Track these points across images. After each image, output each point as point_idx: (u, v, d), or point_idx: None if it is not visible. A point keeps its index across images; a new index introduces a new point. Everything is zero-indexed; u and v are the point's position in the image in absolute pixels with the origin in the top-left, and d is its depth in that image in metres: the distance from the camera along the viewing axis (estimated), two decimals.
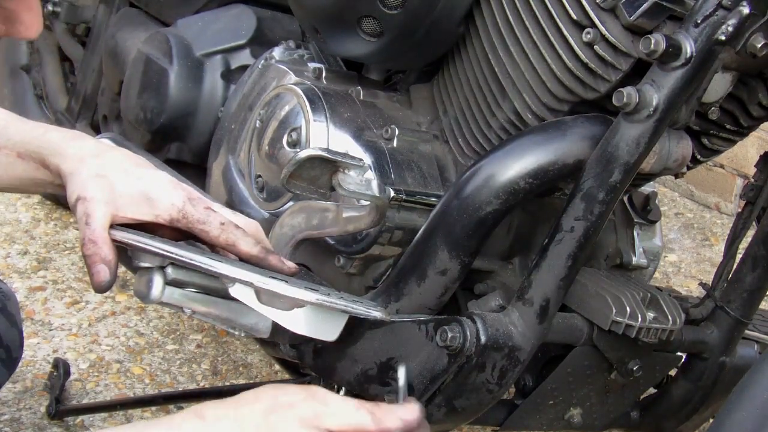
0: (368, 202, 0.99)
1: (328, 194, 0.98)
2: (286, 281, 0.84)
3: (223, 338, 1.81)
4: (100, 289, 0.86)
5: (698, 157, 1.10)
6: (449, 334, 0.95)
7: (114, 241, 0.87)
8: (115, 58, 1.59)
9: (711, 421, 1.09)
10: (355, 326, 0.99)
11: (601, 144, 0.95)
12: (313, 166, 0.95)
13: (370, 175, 1.06)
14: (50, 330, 1.77)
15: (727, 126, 1.07)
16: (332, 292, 0.88)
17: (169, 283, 0.86)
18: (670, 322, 1.02)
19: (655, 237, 1.25)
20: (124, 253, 0.88)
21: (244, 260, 0.94)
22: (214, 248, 0.95)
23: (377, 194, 0.98)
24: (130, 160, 0.95)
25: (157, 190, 0.92)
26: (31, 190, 1.03)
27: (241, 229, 0.94)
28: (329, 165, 0.96)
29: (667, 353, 1.12)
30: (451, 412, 0.97)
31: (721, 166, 2.74)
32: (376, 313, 0.85)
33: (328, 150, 0.97)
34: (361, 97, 1.19)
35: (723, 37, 0.89)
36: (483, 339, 0.96)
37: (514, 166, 0.99)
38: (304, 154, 0.93)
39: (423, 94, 1.21)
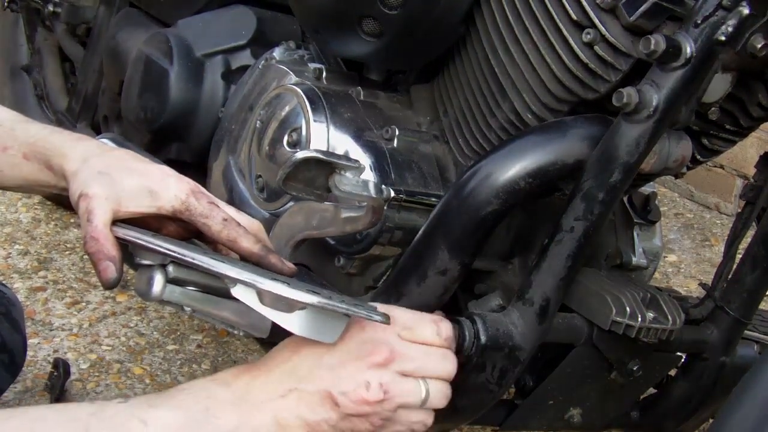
0: (365, 203, 1.00)
1: (325, 195, 0.98)
2: (288, 284, 0.84)
3: (224, 338, 1.81)
4: (109, 285, 0.86)
5: (698, 157, 1.10)
6: None
7: (116, 238, 0.88)
8: (116, 58, 1.59)
9: (711, 421, 1.09)
10: None
11: (601, 144, 0.95)
12: (309, 167, 0.95)
13: (367, 176, 1.06)
14: (51, 330, 1.77)
15: (727, 126, 1.07)
16: (334, 294, 0.89)
17: (170, 281, 0.86)
18: (670, 322, 1.02)
19: (655, 237, 1.25)
20: (126, 251, 0.88)
21: (244, 258, 0.94)
22: (215, 244, 0.96)
23: (373, 195, 0.98)
24: (134, 158, 0.95)
25: (160, 183, 0.92)
26: (37, 191, 1.04)
27: (242, 227, 0.94)
28: (325, 166, 0.96)
29: (667, 353, 1.12)
30: (451, 412, 0.97)
31: (721, 167, 2.74)
32: (378, 317, 0.85)
33: (323, 152, 0.97)
34: (362, 98, 1.19)
35: (723, 38, 0.89)
36: (483, 339, 0.96)
37: (514, 166, 0.99)
38: (299, 156, 0.94)
39: (423, 94, 1.21)
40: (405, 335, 0.89)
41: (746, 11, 0.88)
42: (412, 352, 0.88)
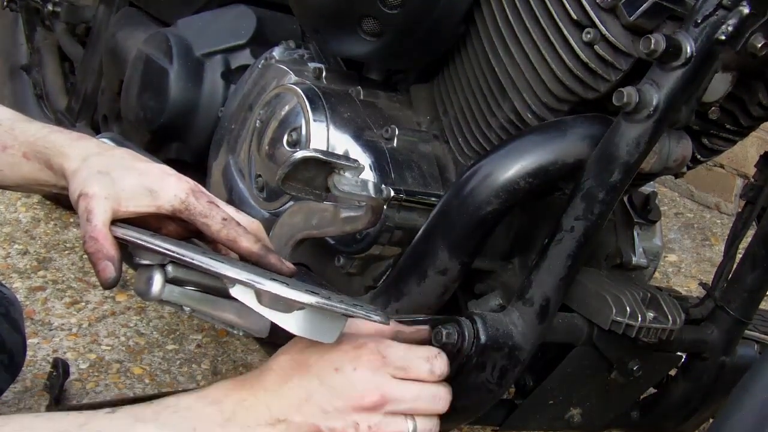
0: (365, 203, 0.99)
1: (324, 195, 0.98)
2: (287, 284, 0.84)
3: (223, 338, 1.81)
4: (107, 285, 0.86)
5: (698, 157, 1.10)
6: (444, 334, 0.95)
7: (116, 238, 0.87)
8: (115, 57, 1.59)
9: (711, 421, 1.09)
10: None
11: (601, 144, 0.95)
12: (307, 167, 0.95)
13: (367, 175, 1.06)
14: (50, 330, 1.77)
15: (727, 126, 1.07)
16: (332, 294, 0.88)
17: (169, 281, 0.86)
18: (670, 322, 1.02)
19: (655, 237, 1.25)
20: (125, 250, 0.88)
21: (244, 257, 0.94)
22: (214, 243, 0.96)
23: (373, 195, 0.98)
24: (133, 157, 0.95)
25: (160, 182, 0.92)
26: (37, 190, 1.04)
27: (242, 227, 0.94)
28: (324, 166, 0.96)
29: (667, 353, 1.12)
30: (451, 412, 0.97)
31: (721, 166, 2.74)
32: (376, 317, 0.85)
33: (322, 151, 0.97)
34: (361, 97, 1.19)
35: (723, 37, 0.89)
36: (483, 339, 0.96)
37: (514, 165, 0.99)
38: (298, 155, 0.94)
39: (423, 94, 1.21)
40: (398, 375, 0.88)
41: (746, 10, 0.88)
42: (404, 393, 0.87)
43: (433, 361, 0.90)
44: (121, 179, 0.90)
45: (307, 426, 0.85)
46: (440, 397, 0.90)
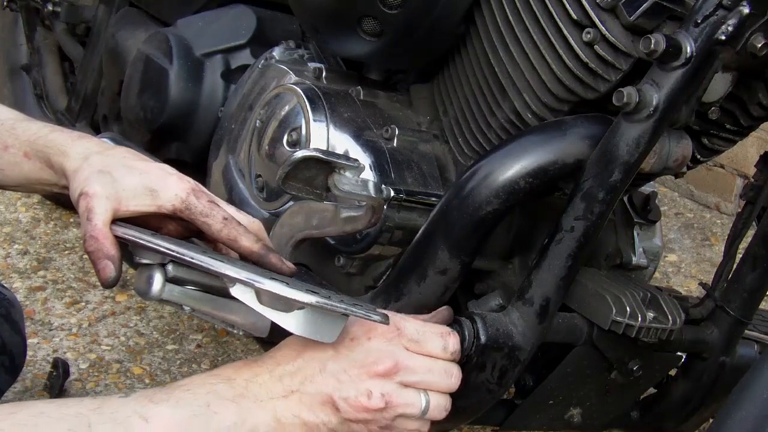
0: (365, 203, 1.00)
1: (325, 195, 0.98)
2: (287, 283, 0.84)
3: (223, 338, 1.81)
4: (107, 284, 0.86)
5: (698, 157, 1.10)
6: None
7: (116, 237, 0.88)
8: (116, 57, 1.59)
9: (711, 421, 1.09)
10: None
11: (601, 144, 0.95)
12: (308, 167, 0.95)
13: (367, 175, 1.06)
14: (50, 330, 1.77)
15: (727, 126, 1.07)
16: (332, 294, 0.89)
17: (170, 280, 0.86)
18: (670, 322, 1.02)
19: (655, 237, 1.25)
20: (125, 250, 0.88)
21: (244, 257, 0.94)
22: (215, 243, 0.96)
23: (373, 195, 0.98)
24: (134, 156, 0.95)
25: (160, 182, 0.92)
26: (38, 190, 1.04)
27: (243, 226, 0.94)
28: (324, 166, 0.96)
29: (667, 353, 1.12)
30: (451, 412, 0.97)
31: (721, 166, 2.74)
32: (376, 317, 0.85)
33: (323, 151, 0.97)
34: (361, 97, 1.19)
35: (723, 37, 0.89)
36: (483, 339, 0.96)
37: (514, 165, 0.99)
38: (299, 155, 0.94)
39: (423, 94, 1.21)
40: (412, 348, 0.89)
41: (746, 10, 0.88)
42: (417, 364, 0.88)
43: (447, 338, 0.92)
44: (121, 178, 0.90)
45: (320, 396, 0.86)
46: (452, 373, 0.91)
